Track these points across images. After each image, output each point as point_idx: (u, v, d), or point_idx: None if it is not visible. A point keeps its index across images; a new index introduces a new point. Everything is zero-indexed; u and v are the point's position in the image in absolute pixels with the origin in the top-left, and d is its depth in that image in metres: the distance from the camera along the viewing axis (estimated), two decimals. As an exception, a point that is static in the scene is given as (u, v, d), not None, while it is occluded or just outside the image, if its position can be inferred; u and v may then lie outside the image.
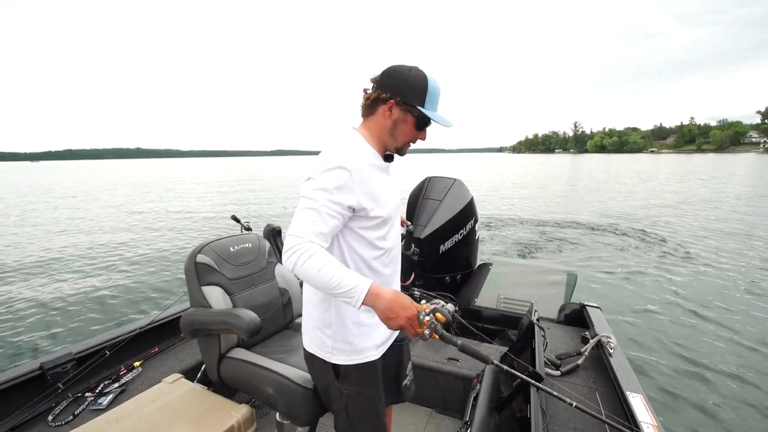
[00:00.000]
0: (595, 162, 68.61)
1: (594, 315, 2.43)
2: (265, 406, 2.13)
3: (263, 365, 1.57)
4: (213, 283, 1.75)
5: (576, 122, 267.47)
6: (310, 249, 0.97)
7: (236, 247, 1.92)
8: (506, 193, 20.13)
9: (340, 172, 1.03)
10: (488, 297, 3.10)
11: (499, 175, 36.10)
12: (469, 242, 3.22)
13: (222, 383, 1.71)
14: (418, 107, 1.09)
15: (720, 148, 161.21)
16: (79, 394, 1.80)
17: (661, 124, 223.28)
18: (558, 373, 1.99)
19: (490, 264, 3.65)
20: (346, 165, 1.04)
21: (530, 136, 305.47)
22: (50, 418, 1.65)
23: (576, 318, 2.57)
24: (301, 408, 1.48)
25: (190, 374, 1.96)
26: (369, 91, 1.14)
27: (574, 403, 1.16)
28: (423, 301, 1.06)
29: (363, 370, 1.19)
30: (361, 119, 1.18)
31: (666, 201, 15.81)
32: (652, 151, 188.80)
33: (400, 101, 1.09)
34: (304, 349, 1.27)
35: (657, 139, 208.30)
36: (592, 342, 2.13)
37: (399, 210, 1.27)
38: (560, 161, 77.07)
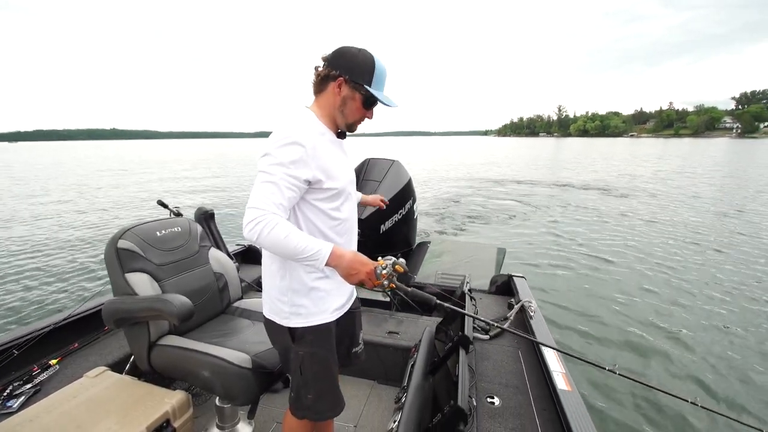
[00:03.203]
0: (573, 145, 72.05)
1: (519, 284, 2.67)
2: (203, 393, 2.08)
3: (198, 349, 1.52)
4: (138, 269, 1.65)
5: (560, 106, 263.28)
6: (273, 219, 1.04)
7: (164, 231, 1.81)
8: (466, 173, 21.44)
9: (295, 147, 1.09)
10: (427, 273, 3.26)
11: (480, 156, 38.44)
12: (408, 221, 3.33)
13: (154, 372, 1.64)
14: (366, 86, 1.16)
15: (696, 133, 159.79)
16: None
17: (641, 108, 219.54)
18: (487, 337, 2.17)
19: (428, 242, 3.82)
20: (300, 140, 1.09)
21: (515, 120, 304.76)
22: None
23: (505, 288, 2.81)
24: (239, 388, 1.47)
25: (117, 368, 1.84)
26: (320, 69, 1.19)
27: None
28: (379, 258, 1.16)
29: (317, 332, 1.25)
30: (313, 97, 1.24)
31: (605, 177, 18.05)
32: (632, 135, 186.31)
33: (348, 79, 1.16)
34: (263, 316, 1.33)
35: (637, 124, 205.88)
36: (516, 307, 2.35)
37: (353, 184, 1.34)
38: (542, 144, 79.73)
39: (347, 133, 1.32)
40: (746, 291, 4.97)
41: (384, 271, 1.11)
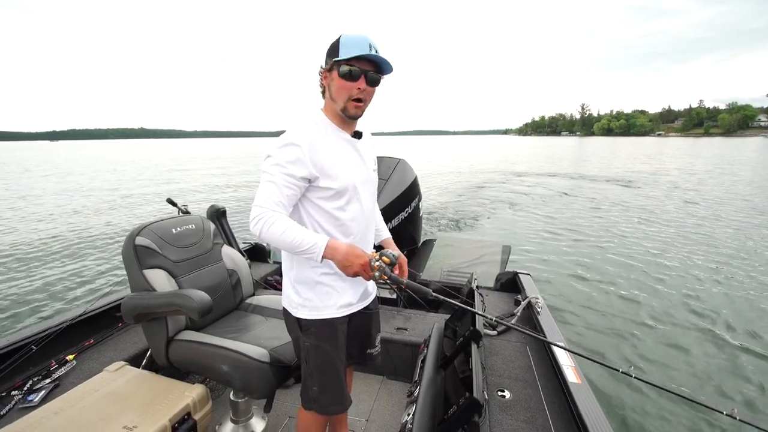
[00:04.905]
0: (593, 144, 70.91)
1: (525, 281, 2.71)
2: (217, 387, 2.12)
3: (217, 344, 1.56)
4: (155, 266, 1.68)
5: (583, 104, 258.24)
6: (273, 216, 1.11)
7: (178, 229, 1.85)
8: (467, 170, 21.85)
9: (292, 148, 1.15)
10: (433, 270, 3.30)
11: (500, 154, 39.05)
12: (414, 219, 3.36)
13: (171, 367, 1.67)
14: (334, 60, 1.16)
15: (728, 131, 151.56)
16: (3, 394, 1.65)
17: (669, 106, 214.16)
18: (495, 333, 2.21)
19: (434, 240, 3.86)
20: (297, 141, 1.15)
21: (537, 118, 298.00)
22: None
23: (510, 284, 2.84)
24: (258, 382, 1.51)
25: (133, 362, 1.87)
26: None
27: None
28: (373, 250, 1.20)
29: (321, 326, 1.29)
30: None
31: (615, 174, 18.41)
32: (659, 135, 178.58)
33: (324, 67, 1.22)
34: (282, 305, 1.39)
35: (665, 122, 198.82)
36: (523, 304, 2.39)
37: (368, 186, 1.32)
38: (562, 143, 78.10)
39: (361, 132, 1.31)
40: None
41: (376, 263, 1.15)
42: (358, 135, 1.30)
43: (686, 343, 3.76)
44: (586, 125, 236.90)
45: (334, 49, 1.17)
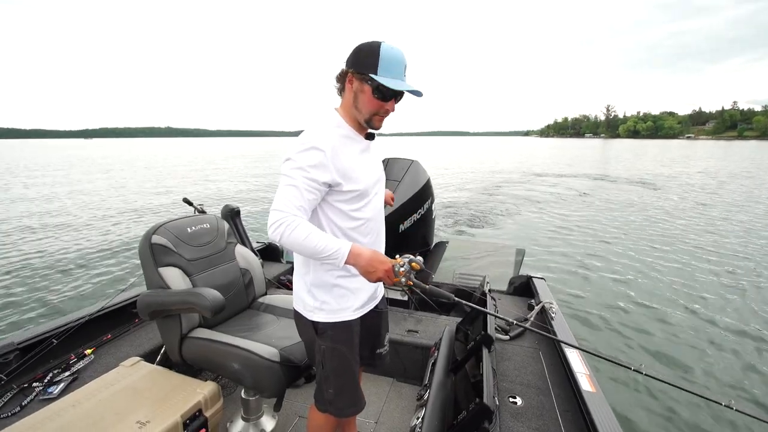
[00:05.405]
0: (617, 146, 69.63)
1: (539, 285, 2.66)
2: (229, 385, 2.15)
3: (229, 342, 1.58)
4: (170, 264, 1.71)
5: (608, 106, 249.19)
6: (294, 221, 1.08)
7: (193, 228, 1.88)
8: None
9: (315, 152, 1.12)
10: (445, 273, 3.27)
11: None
12: (427, 221, 3.34)
13: (184, 364, 1.70)
14: (371, 75, 1.12)
15: (764, 134, 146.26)
16: (25, 385, 1.71)
17: (700, 108, 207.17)
18: (507, 337, 2.17)
19: (446, 242, 3.83)
20: (320, 145, 1.12)
21: (559, 120, 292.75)
22: None
23: (524, 289, 2.80)
24: (268, 381, 1.52)
25: (148, 358, 1.91)
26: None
27: None
28: (397, 256, 1.17)
29: (338, 328, 1.28)
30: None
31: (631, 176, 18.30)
32: (688, 137, 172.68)
33: (354, 71, 1.16)
34: (293, 307, 1.38)
35: (695, 125, 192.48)
36: (537, 308, 2.34)
37: (380, 184, 1.34)
38: (584, 145, 77.53)
39: (376, 133, 1.31)
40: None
41: (401, 269, 1.13)
42: (370, 136, 1.30)
43: (695, 343, 3.75)
44: (611, 127, 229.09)
45: (372, 59, 1.12)
